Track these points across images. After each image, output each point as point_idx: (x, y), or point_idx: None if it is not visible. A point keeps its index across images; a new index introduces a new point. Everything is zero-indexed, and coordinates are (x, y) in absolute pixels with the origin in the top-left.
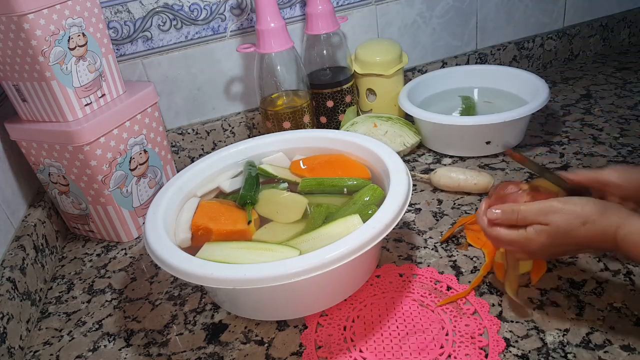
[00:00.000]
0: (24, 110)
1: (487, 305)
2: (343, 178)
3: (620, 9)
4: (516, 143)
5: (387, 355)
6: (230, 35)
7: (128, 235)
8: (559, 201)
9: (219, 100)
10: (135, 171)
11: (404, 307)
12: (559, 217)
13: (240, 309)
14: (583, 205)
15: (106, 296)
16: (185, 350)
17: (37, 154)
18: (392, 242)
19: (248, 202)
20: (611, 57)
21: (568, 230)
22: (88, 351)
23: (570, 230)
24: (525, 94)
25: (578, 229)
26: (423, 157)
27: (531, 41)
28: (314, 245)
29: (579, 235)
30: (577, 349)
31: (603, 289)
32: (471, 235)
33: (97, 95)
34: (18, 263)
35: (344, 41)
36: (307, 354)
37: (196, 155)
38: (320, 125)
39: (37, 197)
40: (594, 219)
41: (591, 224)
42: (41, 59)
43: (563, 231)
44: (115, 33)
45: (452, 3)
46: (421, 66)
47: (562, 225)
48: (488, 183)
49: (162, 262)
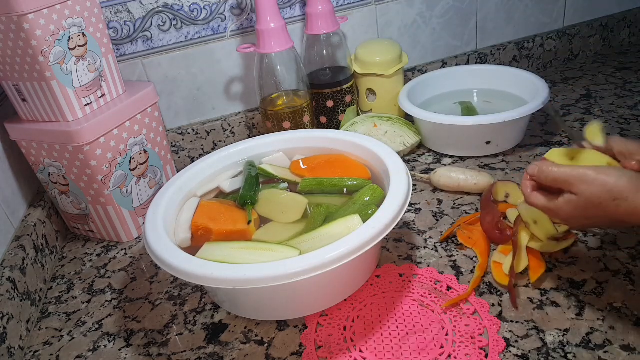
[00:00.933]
0: (24, 110)
1: (487, 305)
2: (343, 178)
3: (620, 9)
4: (516, 143)
5: (387, 355)
6: (230, 35)
7: (128, 235)
8: (594, 170)
9: (219, 100)
10: (135, 171)
11: (404, 307)
12: (588, 188)
13: (240, 309)
14: (618, 179)
15: (106, 296)
16: (185, 350)
17: (37, 154)
18: (392, 242)
19: (248, 202)
20: (611, 57)
21: (597, 204)
22: (88, 351)
23: (599, 204)
24: (525, 94)
25: (608, 203)
26: (423, 157)
27: (531, 41)
28: (314, 245)
29: (609, 210)
30: (577, 349)
31: (603, 289)
32: (462, 234)
33: (97, 95)
34: (18, 263)
35: (344, 41)
36: (307, 354)
37: (196, 155)
38: (320, 125)
39: (37, 197)
40: (626, 196)
41: (623, 200)
42: (41, 59)
43: (592, 204)
44: (115, 33)
45: (452, 3)
46: (421, 66)
47: (591, 197)
48: (488, 183)
49: (162, 262)
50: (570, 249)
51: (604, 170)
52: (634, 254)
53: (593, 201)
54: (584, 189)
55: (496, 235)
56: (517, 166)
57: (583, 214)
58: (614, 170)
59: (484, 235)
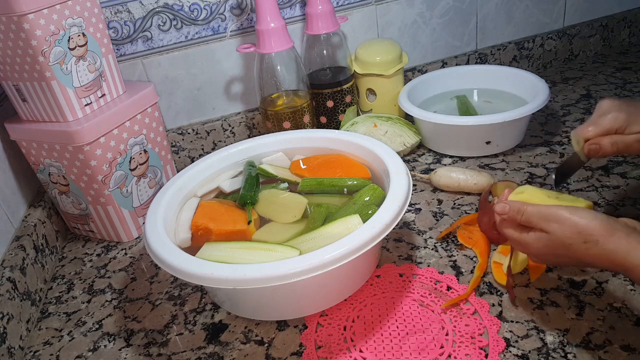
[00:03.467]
0: (24, 110)
1: (487, 305)
2: (343, 178)
3: (620, 9)
4: (516, 143)
5: (387, 355)
6: (230, 35)
7: (128, 235)
8: (568, 210)
9: (219, 100)
10: (135, 171)
11: (404, 307)
12: (559, 228)
13: (240, 309)
14: (589, 221)
15: (106, 296)
16: (185, 350)
17: (37, 154)
18: (392, 242)
19: (248, 202)
20: (611, 57)
21: (568, 245)
22: (88, 351)
23: (570, 245)
24: (525, 94)
25: (578, 245)
26: (423, 157)
27: (531, 41)
28: (314, 245)
29: (579, 252)
30: (577, 349)
31: (603, 289)
32: (462, 234)
33: (97, 95)
34: (18, 263)
35: (344, 41)
36: (307, 354)
37: (196, 155)
38: (320, 125)
39: (37, 197)
40: (596, 240)
41: (593, 243)
42: (41, 59)
43: (562, 244)
44: (115, 33)
45: (452, 3)
46: (421, 66)
47: (562, 237)
48: (488, 183)
49: (162, 262)
50: None
51: (577, 211)
52: None
53: (564, 241)
54: (554, 228)
55: (494, 235)
56: (517, 166)
57: (553, 252)
58: (587, 213)
59: (484, 236)
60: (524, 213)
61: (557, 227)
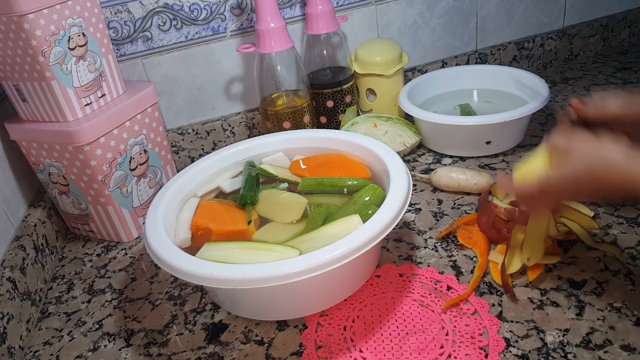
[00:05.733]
0: (24, 110)
1: (487, 305)
2: (343, 178)
3: (620, 9)
4: (516, 143)
5: (387, 355)
6: (230, 35)
7: (128, 235)
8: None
9: (219, 100)
10: (136, 171)
11: (404, 307)
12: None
13: (240, 309)
14: (614, 146)
15: (106, 296)
16: (185, 350)
17: (37, 154)
18: (392, 242)
19: (248, 202)
20: (611, 57)
21: (591, 168)
22: (88, 351)
23: (594, 167)
24: (525, 94)
25: (602, 170)
26: (423, 157)
27: (531, 41)
28: (314, 245)
29: (602, 176)
30: (577, 349)
31: (603, 289)
32: (462, 234)
33: (97, 95)
34: (18, 263)
35: (344, 41)
36: (307, 354)
37: (196, 155)
38: (320, 125)
39: (37, 197)
40: (619, 163)
41: (617, 167)
42: (41, 59)
43: (586, 166)
44: (115, 33)
45: (452, 3)
46: (421, 66)
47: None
48: (488, 183)
49: (162, 262)
50: (570, 249)
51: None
52: (634, 254)
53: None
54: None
55: (493, 235)
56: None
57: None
58: (611, 140)
59: (484, 236)
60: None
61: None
